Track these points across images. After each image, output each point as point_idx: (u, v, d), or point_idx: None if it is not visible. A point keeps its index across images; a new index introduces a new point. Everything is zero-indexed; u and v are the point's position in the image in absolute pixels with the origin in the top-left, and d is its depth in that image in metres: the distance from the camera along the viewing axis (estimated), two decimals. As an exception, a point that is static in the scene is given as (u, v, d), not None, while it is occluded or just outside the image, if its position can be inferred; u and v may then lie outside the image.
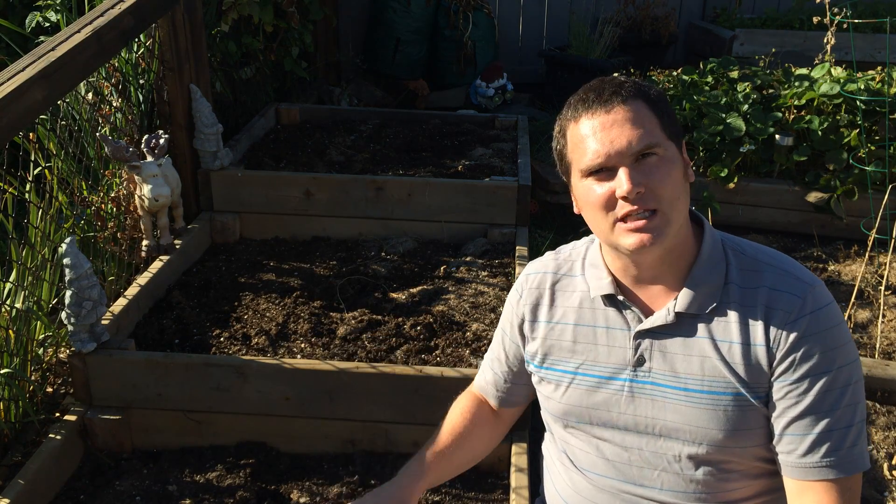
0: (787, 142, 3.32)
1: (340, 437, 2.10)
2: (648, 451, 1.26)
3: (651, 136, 1.16)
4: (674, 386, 1.22)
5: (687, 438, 1.22)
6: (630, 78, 1.25)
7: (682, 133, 1.25)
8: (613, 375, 1.27)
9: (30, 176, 2.45)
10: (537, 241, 3.29)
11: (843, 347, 1.16)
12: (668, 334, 1.23)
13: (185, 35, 2.83)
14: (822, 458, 1.15)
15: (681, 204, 1.19)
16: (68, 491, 1.96)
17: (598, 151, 1.17)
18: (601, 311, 1.30)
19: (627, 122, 1.16)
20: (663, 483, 1.25)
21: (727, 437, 1.19)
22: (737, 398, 1.18)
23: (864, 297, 2.87)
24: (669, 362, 1.23)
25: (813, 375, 1.15)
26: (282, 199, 3.03)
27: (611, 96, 1.18)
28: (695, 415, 1.20)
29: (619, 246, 1.20)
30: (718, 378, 1.19)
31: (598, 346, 1.29)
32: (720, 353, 1.19)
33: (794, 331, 1.15)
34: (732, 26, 5.10)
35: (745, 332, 1.19)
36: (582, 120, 1.20)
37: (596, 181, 1.19)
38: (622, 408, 1.26)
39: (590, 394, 1.29)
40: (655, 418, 1.24)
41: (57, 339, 2.33)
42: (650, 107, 1.19)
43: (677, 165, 1.20)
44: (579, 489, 1.35)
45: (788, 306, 1.17)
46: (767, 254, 1.25)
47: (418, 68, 5.03)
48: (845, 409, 1.15)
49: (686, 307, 1.21)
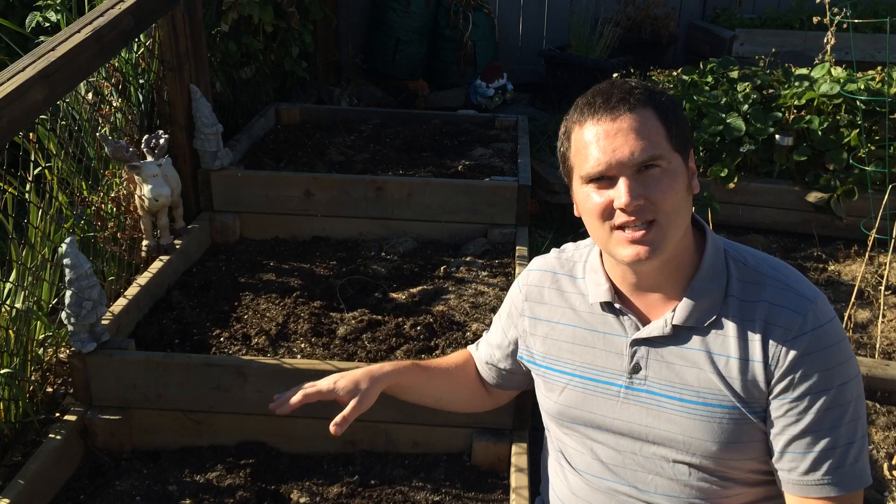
0: (787, 142, 3.32)
1: (340, 437, 2.08)
2: (642, 457, 1.25)
3: (655, 148, 1.14)
4: (669, 395, 1.21)
5: (680, 448, 1.21)
6: (642, 82, 1.22)
7: (690, 143, 1.22)
8: (609, 380, 1.27)
9: (30, 176, 2.44)
10: (537, 241, 3.29)
11: (843, 365, 1.15)
12: (664, 344, 1.22)
13: (185, 35, 2.83)
14: (823, 476, 1.14)
15: (680, 217, 1.18)
16: (68, 491, 1.96)
17: (600, 160, 1.15)
18: (599, 316, 1.29)
19: (632, 132, 1.13)
20: (657, 487, 1.25)
21: (721, 450, 1.18)
22: (732, 412, 1.17)
23: (864, 297, 2.87)
24: (665, 372, 1.22)
25: (813, 394, 1.13)
26: (282, 199, 3.02)
27: (618, 103, 1.15)
28: (689, 425, 1.19)
29: (616, 256, 1.19)
30: (714, 391, 1.18)
31: (595, 350, 1.29)
32: (717, 366, 1.18)
33: (794, 349, 1.14)
34: (732, 26, 5.10)
35: (743, 348, 1.17)
36: (587, 125, 1.18)
37: (596, 189, 1.18)
38: (617, 413, 1.26)
39: (585, 397, 1.29)
40: (649, 426, 1.23)
41: (57, 339, 2.33)
42: (658, 116, 1.16)
43: (680, 178, 1.17)
44: (575, 489, 1.35)
45: (788, 323, 1.15)
46: (770, 265, 1.23)
47: (418, 68, 5.03)
48: (847, 427, 1.14)
49: (684, 320, 1.20)
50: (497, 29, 5.20)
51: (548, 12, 5.40)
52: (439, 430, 2.06)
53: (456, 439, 2.07)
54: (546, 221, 3.55)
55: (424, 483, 1.98)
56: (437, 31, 4.98)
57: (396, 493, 1.94)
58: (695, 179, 1.22)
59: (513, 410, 2.02)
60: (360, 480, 1.99)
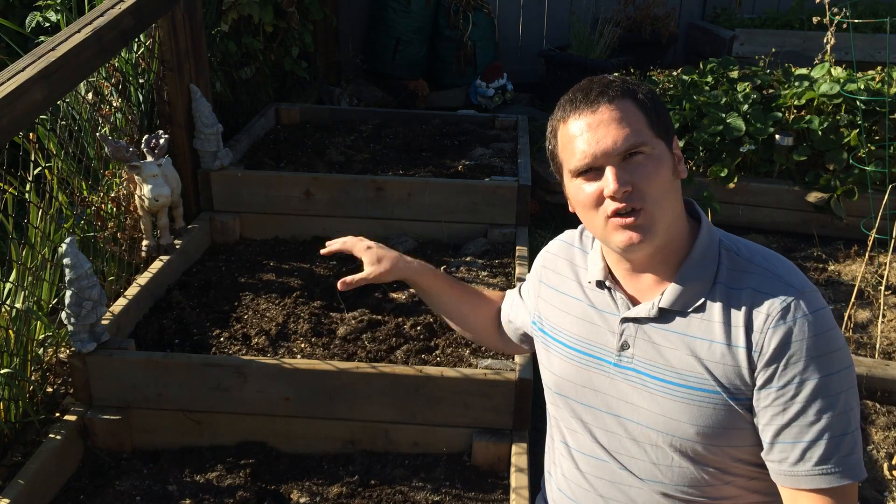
0: (787, 142, 3.32)
1: (340, 437, 2.10)
2: (627, 438, 1.27)
3: (637, 136, 1.18)
4: (653, 375, 1.23)
5: (660, 429, 1.22)
6: (620, 77, 1.27)
7: (672, 130, 1.26)
8: (601, 356, 1.30)
9: (30, 176, 2.45)
10: (537, 241, 3.28)
11: (833, 354, 1.14)
12: (651, 324, 1.25)
13: (185, 35, 2.83)
14: (814, 466, 1.13)
15: (668, 202, 1.20)
16: (68, 491, 1.96)
17: (585, 152, 1.19)
18: (598, 293, 1.33)
19: (613, 122, 1.18)
20: (641, 471, 1.26)
21: (699, 433, 1.19)
22: (712, 395, 1.18)
23: (864, 297, 2.87)
24: (651, 352, 1.24)
25: (799, 382, 1.13)
26: (282, 199, 3.02)
27: (597, 97, 1.20)
28: (669, 406, 1.21)
29: (611, 244, 1.23)
30: (695, 374, 1.19)
31: (593, 325, 1.32)
32: (699, 351, 1.19)
33: (776, 336, 1.14)
34: (732, 26, 5.10)
35: (727, 334, 1.18)
36: (570, 121, 1.22)
37: (585, 181, 1.21)
38: (606, 388, 1.29)
39: (578, 370, 1.33)
40: (634, 404, 1.25)
41: (57, 339, 2.33)
42: (637, 105, 1.20)
43: (665, 163, 1.21)
44: (569, 469, 1.37)
45: (772, 311, 1.15)
46: (763, 256, 1.24)
47: (418, 68, 5.03)
48: (839, 417, 1.13)
49: (670, 304, 1.23)
50: (497, 29, 5.20)
51: (548, 12, 5.40)
52: (439, 430, 2.06)
53: (456, 439, 2.07)
54: (546, 221, 3.55)
55: (424, 483, 1.98)
56: (437, 31, 4.98)
57: (396, 493, 1.94)
58: (681, 165, 1.26)
59: (513, 410, 2.02)
60: (360, 480, 1.99)
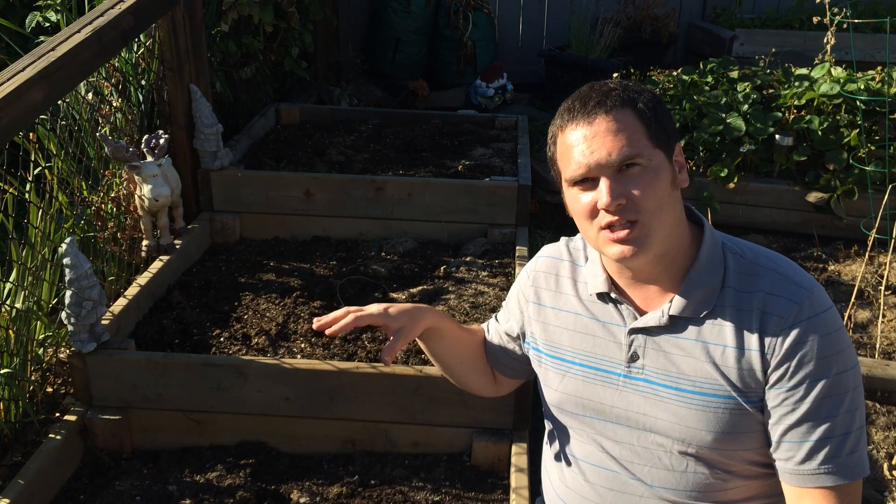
0: (787, 142, 3.32)
1: (340, 437, 2.10)
2: (641, 447, 1.26)
3: (632, 147, 1.16)
4: (666, 385, 1.23)
5: (676, 437, 1.22)
6: (622, 83, 1.25)
7: (674, 137, 1.24)
8: (609, 369, 1.29)
9: (30, 176, 2.44)
10: (537, 241, 3.28)
11: (841, 353, 1.15)
12: (661, 333, 1.24)
13: (185, 35, 2.83)
14: (819, 465, 1.14)
15: (665, 213, 1.19)
16: (68, 491, 1.96)
17: (580, 163, 1.19)
18: (600, 305, 1.32)
19: (609, 134, 1.17)
20: (657, 479, 1.26)
21: (716, 440, 1.19)
22: (728, 401, 1.18)
23: (864, 297, 2.87)
24: (662, 361, 1.23)
25: (809, 382, 1.14)
26: (282, 199, 3.02)
27: (595, 106, 1.19)
28: (685, 415, 1.21)
29: (605, 254, 1.23)
30: (710, 380, 1.19)
31: (595, 339, 1.31)
32: (713, 356, 1.19)
33: (790, 337, 1.15)
34: (732, 26, 5.10)
35: (739, 337, 1.18)
36: (567, 130, 1.22)
37: (581, 190, 1.21)
38: (615, 401, 1.28)
39: (585, 385, 1.31)
40: (647, 415, 1.24)
41: (57, 339, 2.33)
42: (636, 115, 1.19)
43: (663, 174, 1.19)
44: (574, 485, 1.36)
45: (784, 312, 1.16)
46: (767, 257, 1.24)
47: (418, 68, 5.03)
48: (844, 416, 1.14)
49: (680, 311, 1.22)
50: (497, 29, 5.19)
51: (548, 12, 5.39)
52: (439, 430, 2.06)
53: (456, 439, 2.07)
54: (546, 221, 3.55)
55: (424, 483, 1.98)
56: (437, 31, 4.98)
57: (396, 493, 1.94)
58: (682, 173, 1.24)
59: (513, 410, 2.02)
60: (360, 480, 1.99)
